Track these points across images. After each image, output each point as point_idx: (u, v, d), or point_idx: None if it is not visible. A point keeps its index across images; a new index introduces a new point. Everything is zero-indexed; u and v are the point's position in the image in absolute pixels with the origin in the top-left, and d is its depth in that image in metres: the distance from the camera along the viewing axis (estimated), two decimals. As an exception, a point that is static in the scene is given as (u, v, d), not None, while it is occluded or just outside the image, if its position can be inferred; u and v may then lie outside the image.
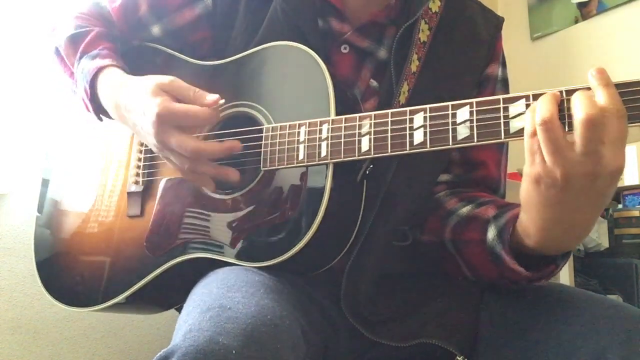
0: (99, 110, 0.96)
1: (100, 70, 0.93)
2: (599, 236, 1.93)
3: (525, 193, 0.70)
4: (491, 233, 0.80)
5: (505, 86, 1.02)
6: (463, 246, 0.86)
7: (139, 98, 0.84)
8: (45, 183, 1.12)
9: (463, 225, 0.86)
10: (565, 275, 1.82)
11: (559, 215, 0.69)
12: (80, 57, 0.96)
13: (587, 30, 2.23)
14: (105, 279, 0.97)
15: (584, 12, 2.23)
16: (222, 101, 0.83)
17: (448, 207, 0.91)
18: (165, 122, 0.80)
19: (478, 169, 0.97)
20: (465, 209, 0.88)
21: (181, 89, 0.83)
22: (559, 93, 0.65)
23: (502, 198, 0.97)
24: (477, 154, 0.96)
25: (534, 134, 0.64)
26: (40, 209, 1.10)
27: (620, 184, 1.92)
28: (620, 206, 2.00)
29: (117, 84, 0.91)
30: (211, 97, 0.82)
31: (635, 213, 1.91)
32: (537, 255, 0.76)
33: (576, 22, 2.25)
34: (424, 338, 0.84)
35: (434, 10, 0.94)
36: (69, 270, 1.02)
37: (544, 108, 0.63)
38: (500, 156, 0.99)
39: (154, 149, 0.86)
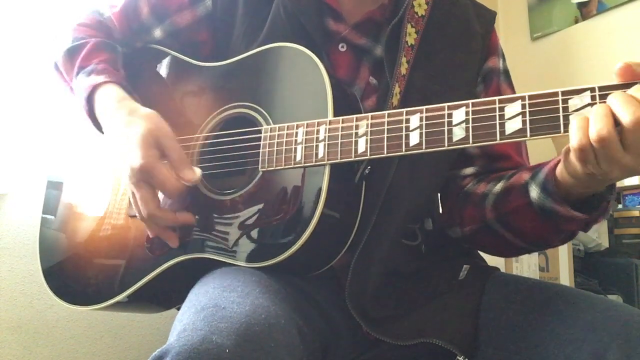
0: (97, 125, 0.96)
1: (95, 88, 0.93)
2: (599, 236, 1.93)
3: (574, 175, 0.71)
4: (534, 192, 0.80)
5: (508, 78, 1.02)
6: (509, 218, 0.86)
7: (131, 137, 0.85)
8: (50, 184, 1.13)
9: (503, 199, 0.87)
10: (565, 275, 1.82)
11: (603, 183, 0.72)
12: (77, 73, 0.96)
13: (587, 30, 2.22)
14: (106, 278, 0.98)
15: (584, 12, 2.22)
16: (199, 178, 0.85)
17: (480, 192, 0.92)
18: (142, 176, 0.83)
19: (502, 160, 0.97)
20: (499, 186, 0.89)
21: (171, 150, 0.85)
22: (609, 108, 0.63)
23: None
24: (496, 147, 0.97)
25: (584, 148, 0.64)
26: (45, 209, 1.11)
27: (620, 184, 1.92)
28: (620, 206, 1.99)
29: (111, 107, 0.91)
30: (189, 175, 0.84)
31: (635, 213, 1.91)
32: (584, 198, 0.77)
33: (576, 22, 2.25)
34: (425, 337, 0.84)
35: (420, 14, 0.95)
36: (71, 269, 1.03)
37: (600, 123, 0.62)
38: (520, 145, 1.00)
39: (125, 182, 0.87)
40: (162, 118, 0.88)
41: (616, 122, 0.62)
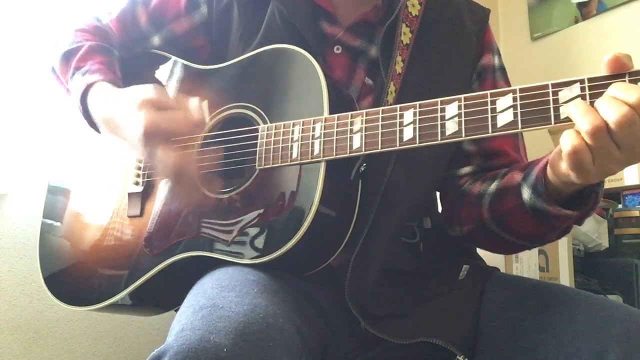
0: (93, 125, 0.97)
1: (89, 87, 0.94)
2: (599, 236, 1.93)
3: (566, 180, 0.72)
4: (526, 193, 0.81)
5: (504, 74, 1.03)
6: (505, 219, 0.87)
7: (126, 112, 0.85)
8: (50, 189, 1.14)
9: (497, 200, 0.88)
10: (565, 275, 1.82)
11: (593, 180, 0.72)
12: (73, 74, 0.98)
13: (587, 30, 2.22)
14: (105, 278, 0.99)
15: (584, 12, 2.22)
16: (202, 102, 0.85)
17: (476, 192, 0.93)
18: (152, 135, 0.82)
19: (499, 157, 0.98)
20: (493, 186, 0.90)
21: (165, 102, 0.85)
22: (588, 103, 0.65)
23: None
24: (492, 144, 0.98)
25: (577, 151, 0.64)
26: (45, 212, 1.12)
27: (620, 184, 1.92)
28: (620, 206, 1.99)
29: (105, 100, 0.92)
30: (194, 103, 0.84)
31: (635, 213, 1.91)
32: (574, 192, 0.77)
33: (576, 22, 2.25)
34: (425, 337, 0.84)
35: (414, 14, 0.96)
36: (70, 269, 1.04)
37: (589, 115, 0.63)
38: (517, 141, 1.00)
39: (144, 157, 0.87)
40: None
41: None
